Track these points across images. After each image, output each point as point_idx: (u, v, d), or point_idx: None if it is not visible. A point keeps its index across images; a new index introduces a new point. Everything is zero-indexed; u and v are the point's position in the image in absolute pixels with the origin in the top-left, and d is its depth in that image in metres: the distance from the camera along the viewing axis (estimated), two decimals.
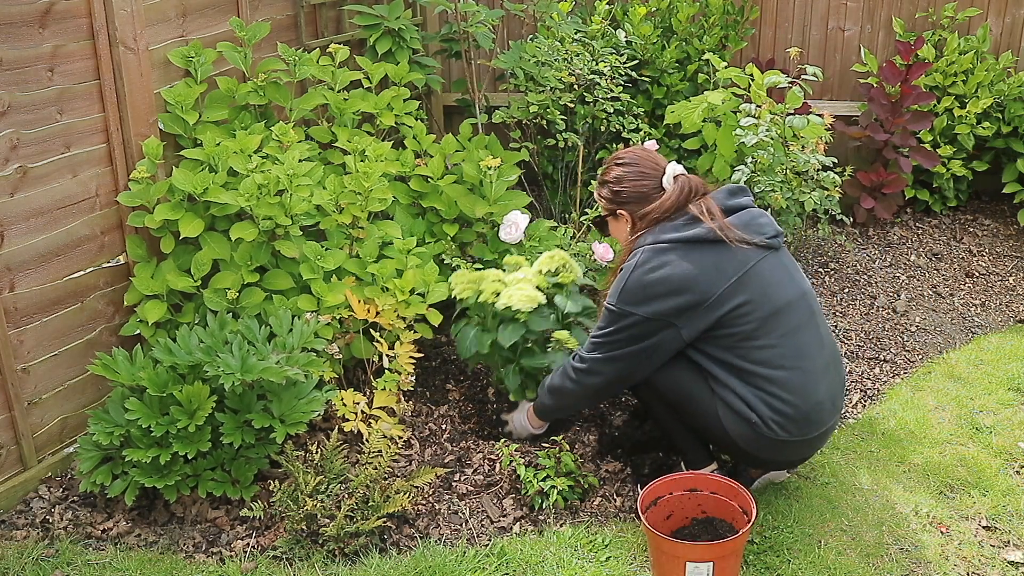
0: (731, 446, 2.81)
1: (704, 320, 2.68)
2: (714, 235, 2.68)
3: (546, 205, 4.88)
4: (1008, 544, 2.80)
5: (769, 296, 2.69)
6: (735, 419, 2.72)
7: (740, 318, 2.67)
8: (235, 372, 2.81)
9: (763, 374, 2.69)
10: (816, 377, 2.73)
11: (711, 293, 2.66)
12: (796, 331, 2.71)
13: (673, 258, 2.68)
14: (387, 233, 3.52)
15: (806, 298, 2.78)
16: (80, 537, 2.88)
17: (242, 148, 3.27)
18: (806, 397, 2.71)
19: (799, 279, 2.81)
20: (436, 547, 2.80)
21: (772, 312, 2.69)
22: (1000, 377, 3.67)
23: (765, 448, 2.75)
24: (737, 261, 2.69)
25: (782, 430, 2.70)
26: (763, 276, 2.70)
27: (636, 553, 2.77)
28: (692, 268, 2.67)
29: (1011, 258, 4.69)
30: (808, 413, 2.72)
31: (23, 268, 2.95)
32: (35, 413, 3.06)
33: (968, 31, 4.93)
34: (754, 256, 2.71)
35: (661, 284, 2.67)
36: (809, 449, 2.85)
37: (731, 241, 2.69)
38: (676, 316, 2.68)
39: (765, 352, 2.69)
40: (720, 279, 2.66)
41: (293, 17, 4.10)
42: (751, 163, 4.12)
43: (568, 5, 4.60)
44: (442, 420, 3.43)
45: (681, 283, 2.66)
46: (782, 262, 2.79)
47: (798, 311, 2.74)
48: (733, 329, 2.68)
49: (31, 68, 2.90)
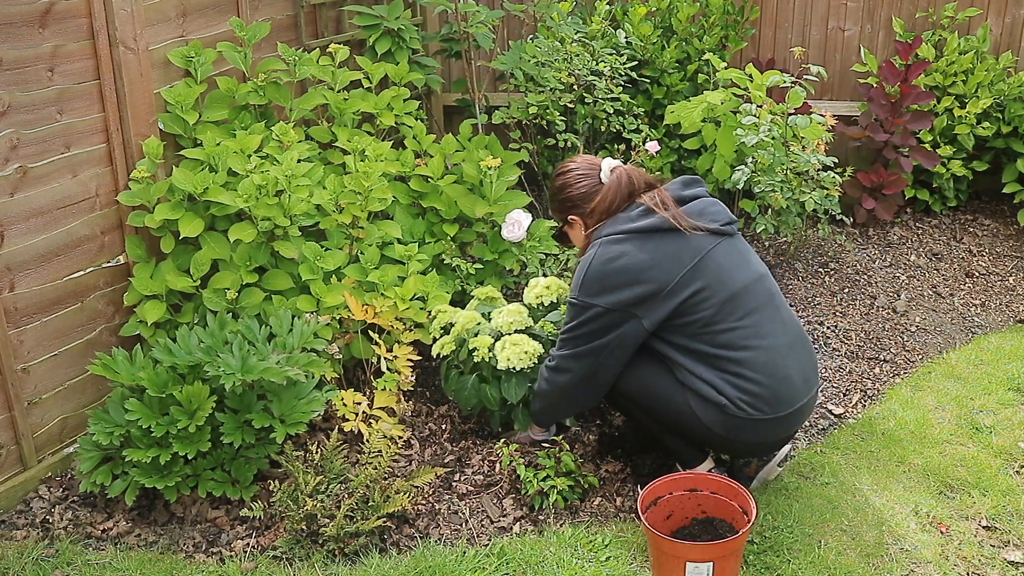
0: (709, 436, 2.81)
1: (664, 308, 2.72)
2: (668, 224, 2.73)
3: (546, 205, 4.88)
4: (1008, 544, 2.80)
5: (725, 281, 2.74)
6: (705, 405, 2.75)
7: (699, 304, 2.72)
8: (236, 372, 2.81)
9: (726, 356, 2.73)
10: (781, 353, 2.77)
11: (669, 281, 2.70)
12: (754, 312, 2.76)
13: (629, 248, 2.73)
14: (387, 233, 3.52)
15: (763, 280, 2.83)
16: (80, 537, 2.88)
17: (242, 148, 3.27)
18: (772, 374, 2.74)
19: (755, 263, 2.86)
20: (436, 547, 2.80)
21: (730, 296, 2.73)
22: (1000, 377, 3.67)
23: (740, 430, 2.75)
24: (692, 248, 2.74)
25: (753, 408, 2.72)
26: (718, 261, 2.75)
27: (636, 553, 2.77)
28: (648, 257, 2.71)
29: (1011, 258, 4.68)
30: (776, 390, 2.74)
31: (23, 268, 2.95)
32: (35, 413, 3.06)
33: (968, 31, 4.93)
34: (708, 243, 2.76)
35: (619, 274, 2.72)
36: (785, 427, 2.85)
37: (685, 229, 2.74)
38: (636, 305, 2.72)
39: (726, 335, 2.73)
40: (676, 266, 2.71)
41: (293, 17, 4.10)
42: (751, 163, 4.12)
43: (568, 5, 4.60)
44: (442, 420, 3.43)
45: (639, 272, 2.71)
46: (737, 247, 2.84)
47: (755, 294, 2.79)
48: (693, 316, 2.72)
49: (31, 68, 2.90)
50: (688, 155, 4.79)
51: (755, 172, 4.15)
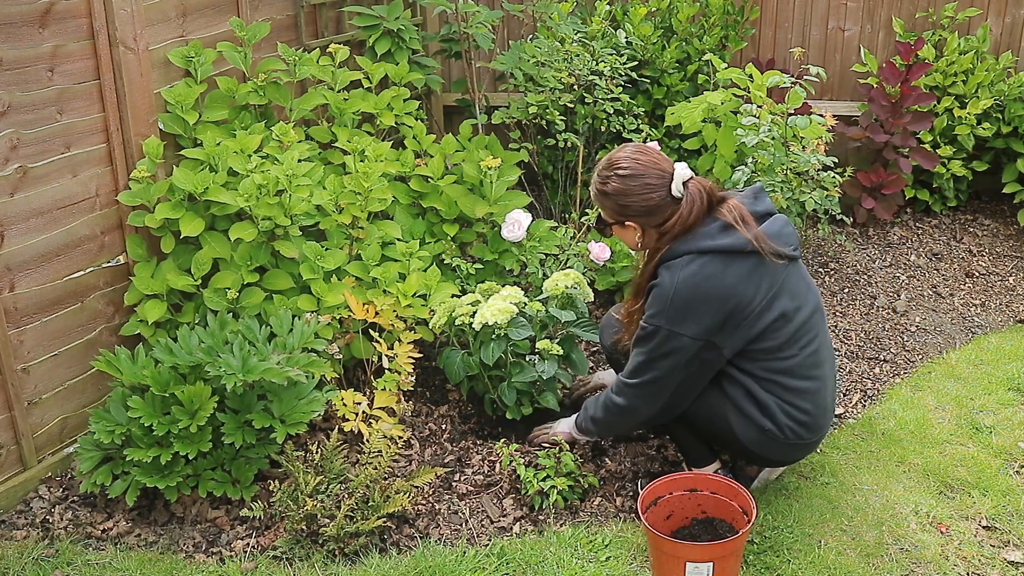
0: (737, 447, 2.81)
1: (744, 336, 2.63)
2: (751, 247, 2.57)
3: (546, 205, 4.88)
4: (1008, 544, 2.80)
5: (797, 309, 2.68)
6: (746, 424, 2.73)
7: (774, 332, 2.64)
8: (237, 372, 2.81)
9: (785, 383, 2.69)
10: (827, 384, 2.78)
11: (751, 308, 2.60)
12: (814, 341, 2.72)
13: (713, 270, 2.57)
14: (387, 233, 3.52)
15: (820, 307, 2.79)
16: (80, 537, 2.88)
17: (242, 148, 3.27)
18: (818, 404, 2.75)
19: (814, 289, 2.80)
20: (436, 547, 2.80)
21: (800, 325, 2.68)
22: (1000, 377, 3.67)
23: (772, 449, 2.77)
24: (771, 274, 2.62)
25: (795, 435, 2.73)
26: (791, 290, 2.67)
27: (636, 553, 2.76)
28: (733, 282, 2.57)
29: (1011, 258, 4.68)
30: (819, 419, 2.77)
31: (23, 268, 2.95)
32: (35, 413, 3.06)
33: (968, 31, 4.93)
34: (783, 269, 2.65)
35: (706, 300, 2.56)
36: (810, 449, 2.89)
37: (766, 254, 2.59)
38: (719, 333, 2.61)
39: (788, 362, 2.68)
40: (757, 293, 2.60)
41: (293, 17, 4.10)
42: (751, 163, 4.12)
43: (568, 5, 4.60)
44: (442, 420, 3.43)
45: (725, 297, 2.57)
46: (801, 273, 2.75)
47: (816, 322, 2.74)
48: (765, 344, 2.65)
49: (31, 68, 2.90)
50: (688, 155, 4.79)
51: (755, 172, 4.14)
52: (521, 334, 3.12)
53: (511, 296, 3.19)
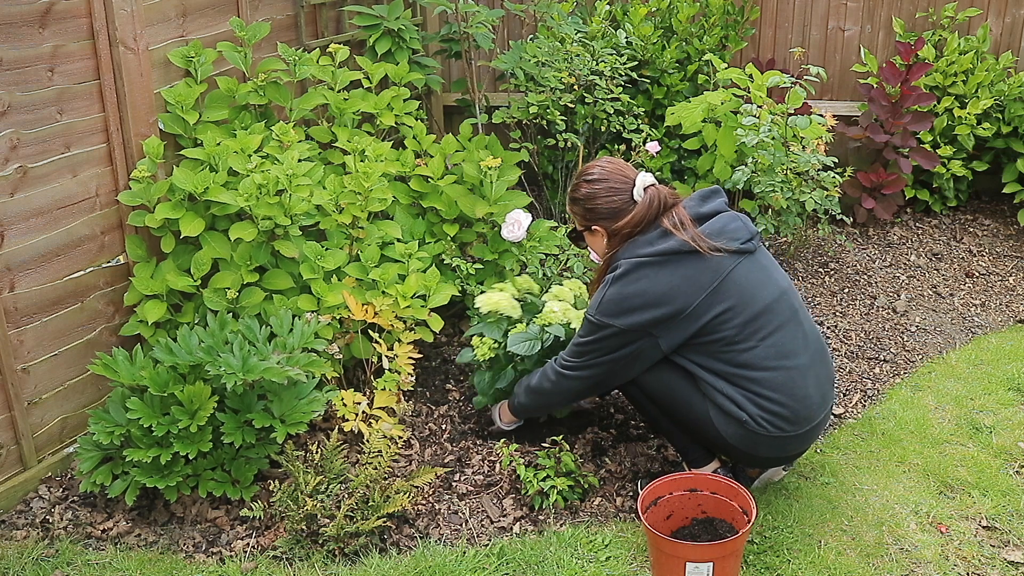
0: (726, 447, 2.82)
1: (683, 331, 2.71)
2: (688, 247, 2.68)
3: (546, 205, 4.88)
4: (1008, 544, 2.80)
5: (748, 301, 2.70)
6: (726, 419, 2.74)
7: (721, 325, 2.69)
8: (237, 372, 2.81)
9: (747, 375, 2.71)
10: (802, 373, 2.75)
11: (688, 305, 2.67)
12: (778, 330, 2.73)
13: (649, 272, 2.70)
14: (387, 233, 3.52)
15: (786, 296, 2.79)
16: (80, 537, 2.88)
17: (242, 148, 3.27)
18: (792, 394, 2.73)
19: (778, 277, 2.81)
20: (436, 547, 2.80)
21: (753, 316, 2.70)
22: (1000, 377, 3.67)
23: (761, 445, 2.76)
24: (712, 270, 2.69)
25: (773, 427, 2.72)
26: (740, 282, 2.71)
27: (636, 553, 2.77)
28: (668, 281, 2.68)
29: (1011, 258, 4.69)
30: (797, 409, 2.74)
31: (23, 268, 2.95)
32: (35, 413, 3.06)
33: (968, 31, 4.93)
34: (729, 263, 2.71)
35: (638, 298, 2.69)
36: (805, 442, 2.86)
37: (705, 251, 2.69)
38: (653, 327, 2.71)
39: (746, 355, 2.71)
40: (696, 290, 2.68)
41: (293, 17, 4.10)
42: (751, 163, 4.13)
43: (569, 5, 4.60)
44: (442, 420, 3.43)
45: (658, 297, 2.68)
46: (759, 263, 2.78)
47: (779, 311, 2.75)
48: (714, 336, 2.70)
49: (31, 68, 2.90)
50: (688, 155, 4.79)
51: (755, 172, 4.15)
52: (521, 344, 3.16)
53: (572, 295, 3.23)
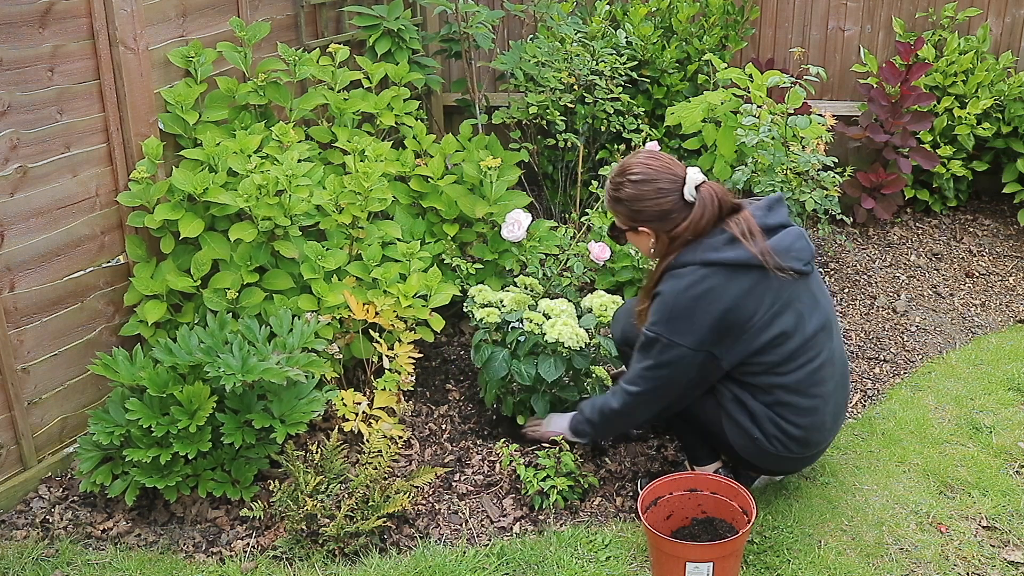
0: (730, 451, 2.83)
1: (743, 350, 2.62)
2: (756, 260, 2.56)
3: (546, 205, 4.88)
4: (1008, 544, 2.80)
5: (800, 328, 2.64)
6: (737, 431, 2.74)
7: (773, 349, 2.63)
8: (236, 372, 2.81)
9: (781, 398, 2.69)
10: (825, 401, 2.73)
11: (752, 323, 2.59)
12: (816, 358, 2.68)
13: (716, 282, 2.56)
14: (387, 233, 3.52)
15: (829, 323, 2.74)
16: (80, 537, 2.88)
17: (242, 148, 3.27)
18: (815, 421, 2.73)
19: (824, 304, 2.74)
20: (436, 547, 2.80)
21: (801, 344, 2.64)
22: (1000, 377, 3.67)
23: (763, 459, 2.78)
24: (774, 291, 2.60)
25: (784, 448, 2.73)
26: (796, 307, 2.63)
27: (636, 553, 2.77)
28: (735, 295, 2.56)
29: (1011, 258, 4.68)
30: (810, 435, 2.74)
31: (23, 268, 2.95)
32: (35, 413, 3.06)
33: (968, 31, 4.93)
34: (790, 285, 2.62)
35: (706, 312, 2.56)
36: (807, 462, 2.89)
37: (771, 269, 2.57)
38: (717, 345, 2.60)
39: (786, 378, 2.67)
40: (759, 308, 2.58)
41: (293, 17, 4.10)
42: (751, 163, 4.12)
43: (568, 5, 4.60)
44: (442, 420, 3.43)
45: (725, 310, 2.56)
46: (811, 288, 2.70)
47: (821, 340, 2.69)
48: (764, 358, 2.64)
49: (31, 68, 2.90)
50: (688, 155, 4.79)
51: (755, 172, 4.14)
52: (583, 363, 3.12)
53: (569, 311, 3.18)
